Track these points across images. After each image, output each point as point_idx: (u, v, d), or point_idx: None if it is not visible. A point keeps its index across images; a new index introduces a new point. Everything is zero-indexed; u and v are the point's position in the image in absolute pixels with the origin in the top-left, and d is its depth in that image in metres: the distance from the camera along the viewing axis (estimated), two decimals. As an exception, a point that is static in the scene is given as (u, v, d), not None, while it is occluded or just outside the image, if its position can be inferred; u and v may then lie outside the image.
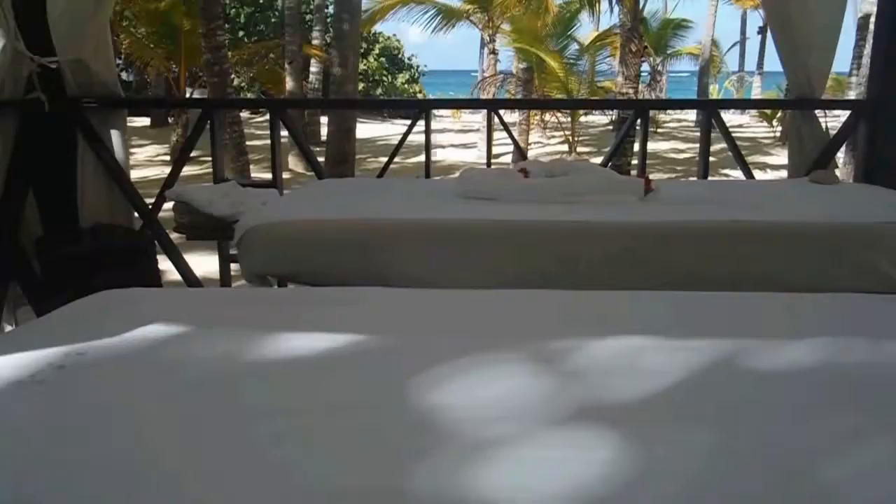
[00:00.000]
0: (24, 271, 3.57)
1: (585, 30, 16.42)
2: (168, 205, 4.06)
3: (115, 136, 3.93)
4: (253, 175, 8.98)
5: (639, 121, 4.15)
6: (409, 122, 4.41)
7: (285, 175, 4.79)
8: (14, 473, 1.04)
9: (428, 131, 4.17)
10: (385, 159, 4.53)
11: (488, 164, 4.54)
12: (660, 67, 21.15)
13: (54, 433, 1.14)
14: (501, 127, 4.62)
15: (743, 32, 27.98)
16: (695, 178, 4.82)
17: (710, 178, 4.35)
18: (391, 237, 2.65)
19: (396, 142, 4.38)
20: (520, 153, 4.45)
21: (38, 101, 3.56)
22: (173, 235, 4.01)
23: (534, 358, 1.38)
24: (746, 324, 1.72)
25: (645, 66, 15.71)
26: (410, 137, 4.38)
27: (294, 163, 11.17)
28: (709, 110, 4.16)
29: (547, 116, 14.87)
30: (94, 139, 3.81)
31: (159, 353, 1.41)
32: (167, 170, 10.93)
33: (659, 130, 18.30)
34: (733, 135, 4.27)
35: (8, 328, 3.58)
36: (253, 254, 2.69)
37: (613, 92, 13.71)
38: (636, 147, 9.22)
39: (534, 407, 1.19)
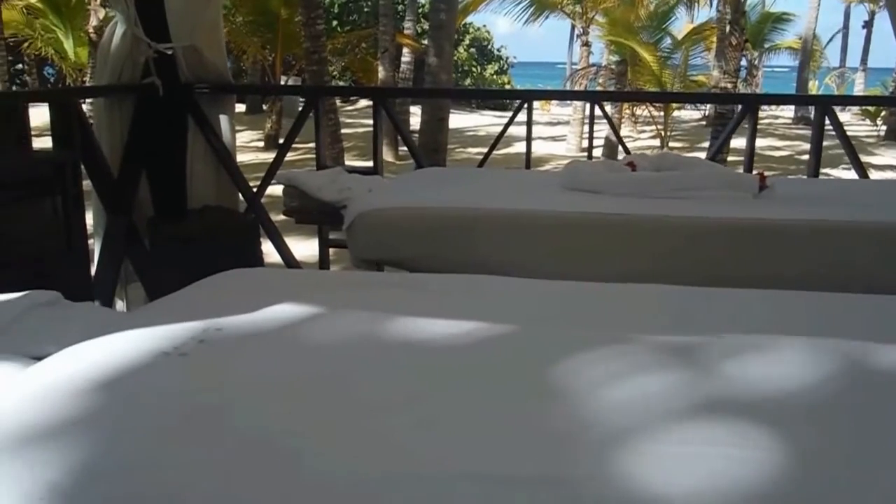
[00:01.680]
0: (136, 250, 3.71)
1: (678, 24, 16.10)
2: (270, 189, 4.16)
3: (223, 121, 4.03)
4: (346, 162, 9.14)
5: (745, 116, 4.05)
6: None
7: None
8: (166, 441, 1.08)
9: (529, 123, 4.15)
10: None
11: (589, 156, 4.50)
12: (755, 62, 20.55)
13: (199, 403, 1.18)
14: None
15: (846, 26, 26.92)
16: (805, 176, 4.66)
17: (821, 177, 4.20)
18: (498, 227, 2.65)
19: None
20: (622, 147, 4.39)
21: (153, 87, 3.69)
22: (275, 218, 4.11)
23: (663, 352, 1.36)
24: (878, 326, 1.65)
25: (742, 61, 15.25)
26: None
27: (384, 151, 11.30)
28: (822, 106, 4.01)
29: (638, 111, 14.61)
30: (204, 124, 3.92)
31: (294, 332, 1.45)
32: (261, 155, 11.16)
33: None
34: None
35: (119, 303, 3.74)
36: (362, 239, 2.73)
37: (707, 86, 13.38)
38: (732, 143, 8.99)
39: (673, 401, 1.17)
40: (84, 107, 3.87)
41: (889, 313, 1.79)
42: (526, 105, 4.16)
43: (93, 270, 3.46)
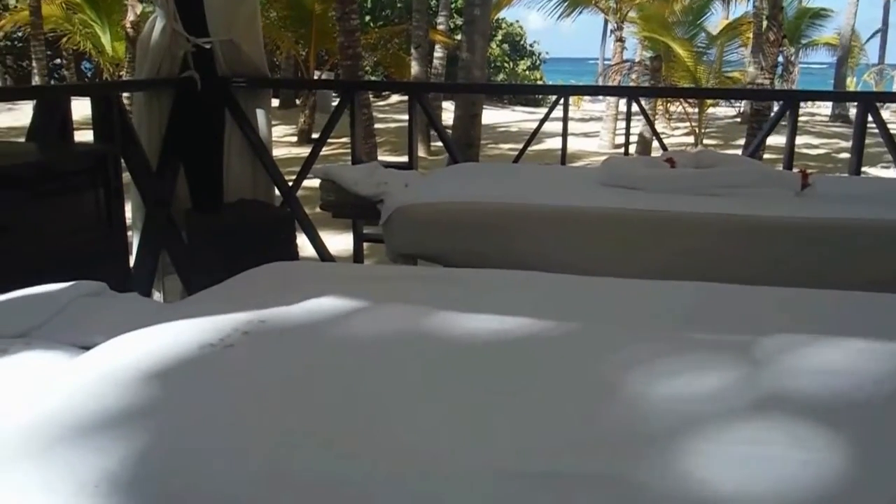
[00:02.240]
0: (173, 242, 3.75)
1: (713, 19, 15.92)
2: (305, 182, 4.19)
3: (259, 115, 4.06)
4: (378, 157, 9.15)
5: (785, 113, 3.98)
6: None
7: (406, 158, 4.80)
8: (217, 431, 1.09)
9: (566, 118, 4.12)
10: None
11: (626, 152, 4.47)
12: (792, 58, 20.27)
13: (246, 395, 1.19)
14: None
15: (885, 22, 26.39)
16: (846, 175, 4.58)
17: (863, 175, 4.13)
18: (536, 222, 2.64)
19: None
20: (659, 143, 4.34)
21: (191, 80, 3.73)
22: (309, 212, 4.13)
23: (715, 350, 1.34)
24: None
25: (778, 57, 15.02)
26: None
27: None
28: (865, 103, 3.94)
29: (672, 107, 14.48)
30: (241, 117, 3.94)
31: (338, 326, 1.45)
32: (294, 150, 11.18)
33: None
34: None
35: (156, 295, 3.78)
36: (399, 233, 2.74)
37: (742, 82, 13.24)
38: (768, 140, 8.87)
39: (728, 400, 1.15)
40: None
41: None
42: (562, 100, 4.13)
43: (131, 262, 3.50)
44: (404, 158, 4.32)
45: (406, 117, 4.35)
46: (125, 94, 4.78)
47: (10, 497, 0.95)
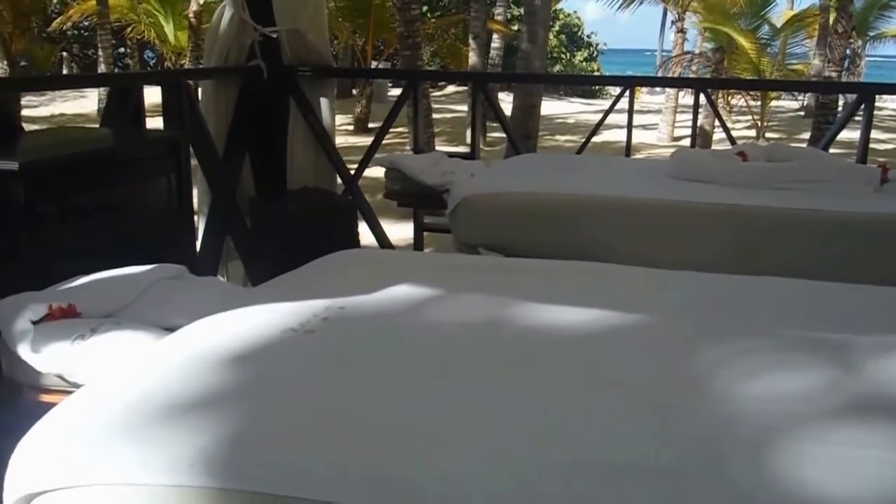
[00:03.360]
0: (237, 228, 3.80)
1: (775, 10, 15.55)
2: (366, 171, 4.20)
3: (323, 103, 4.08)
4: (436, 147, 9.14)
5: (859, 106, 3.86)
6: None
7: (463, 148, 4.77)
8: (306, 413, 1.10)
9: (631, 110, 4.07)
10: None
11: (692, 144, 4.38)
12: (858, 51, 19.70)
13: (329, 380, 1.19)
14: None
15: (958, 14, 25.46)
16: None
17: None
18: (607, 213, 2.62)
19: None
20: (728, 136, 4.24)
21: (257, 69, 3.76)
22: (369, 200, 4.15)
23: (807, 348, 1.30)
24: None
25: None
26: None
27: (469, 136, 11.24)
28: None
29: (733, 100, 14.17)
30: (305, 106, 3.97)
31: (416, 314, 1.45)
32: (350, 139, 11.21)
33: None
34: None
35: (221, 279, 3.83)
36: (466, 222, 2.73)
37: (806, 75, 12.88)
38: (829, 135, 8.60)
39: (825, 400, 1.12)
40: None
41: None
42: (627, 91, 4.08)
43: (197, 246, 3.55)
44: (461, 148, 4.30)
45: (462, 108, 4.35)
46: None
47: (111, 473, 0.97)
